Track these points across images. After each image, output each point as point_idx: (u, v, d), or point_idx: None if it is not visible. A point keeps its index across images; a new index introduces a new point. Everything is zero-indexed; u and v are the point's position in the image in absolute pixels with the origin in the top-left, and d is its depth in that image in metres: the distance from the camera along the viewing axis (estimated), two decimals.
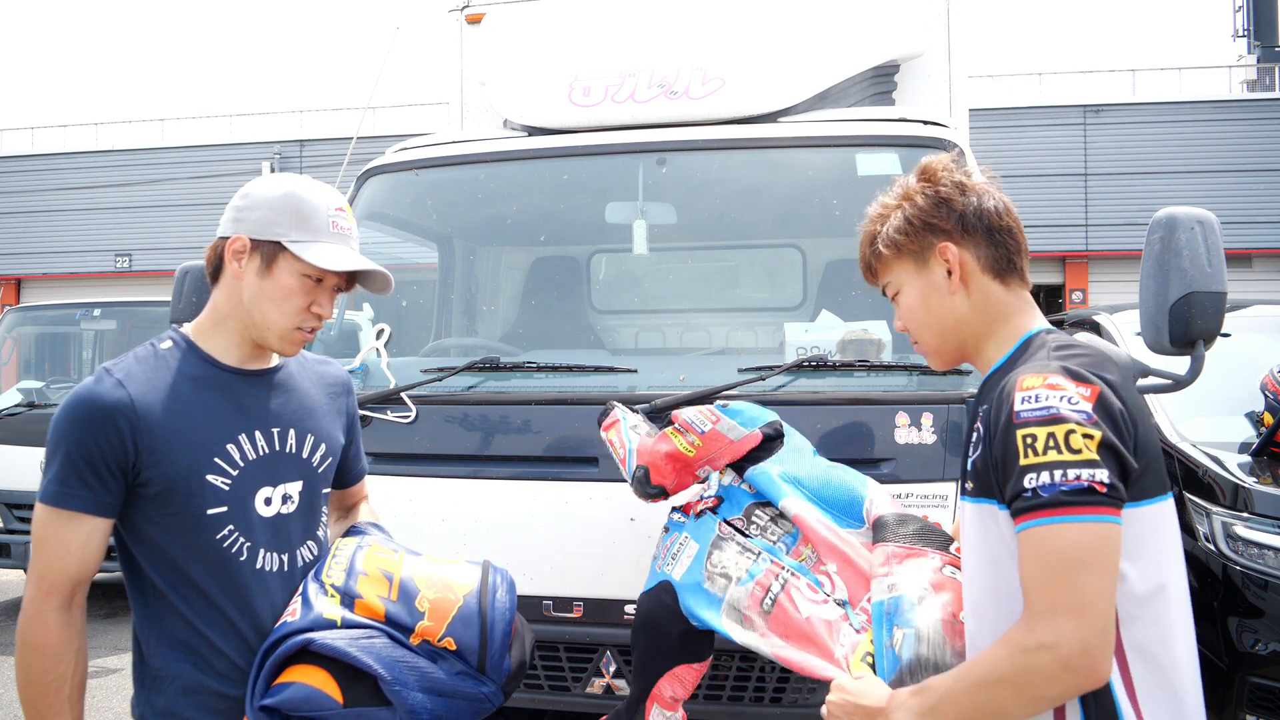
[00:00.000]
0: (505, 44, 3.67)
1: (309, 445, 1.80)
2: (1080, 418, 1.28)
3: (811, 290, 3.90)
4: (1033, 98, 17.05)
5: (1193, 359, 2.20)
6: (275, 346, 1.74)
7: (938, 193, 1.57)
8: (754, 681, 2.70)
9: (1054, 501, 1.26)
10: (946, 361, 1.63)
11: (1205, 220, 2.16)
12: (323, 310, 1.73)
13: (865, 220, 1.69)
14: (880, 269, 1.66)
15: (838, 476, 2.17)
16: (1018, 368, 1.41)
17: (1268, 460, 3.58)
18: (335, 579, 1.73)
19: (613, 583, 2.74)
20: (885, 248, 1.62)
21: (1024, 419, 1.31)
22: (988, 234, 1.55)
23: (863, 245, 1.69)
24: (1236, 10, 19.57)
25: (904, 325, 1.66)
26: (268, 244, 1.68)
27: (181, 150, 19.36)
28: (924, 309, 1.59)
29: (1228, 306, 2.20)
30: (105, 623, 6.53)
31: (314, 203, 1.70)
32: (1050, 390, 1.31)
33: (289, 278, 1.68)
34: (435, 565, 1.81)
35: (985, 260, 1.54)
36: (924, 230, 1.57)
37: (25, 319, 8.13)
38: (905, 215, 1.59)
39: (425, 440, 2.91)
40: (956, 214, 1.55)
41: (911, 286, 1.61)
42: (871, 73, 3.61)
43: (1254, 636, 3.19)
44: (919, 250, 1.58)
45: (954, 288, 1.55)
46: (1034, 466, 1.28)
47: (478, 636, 1.72)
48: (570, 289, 3.99)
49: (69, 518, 1.55)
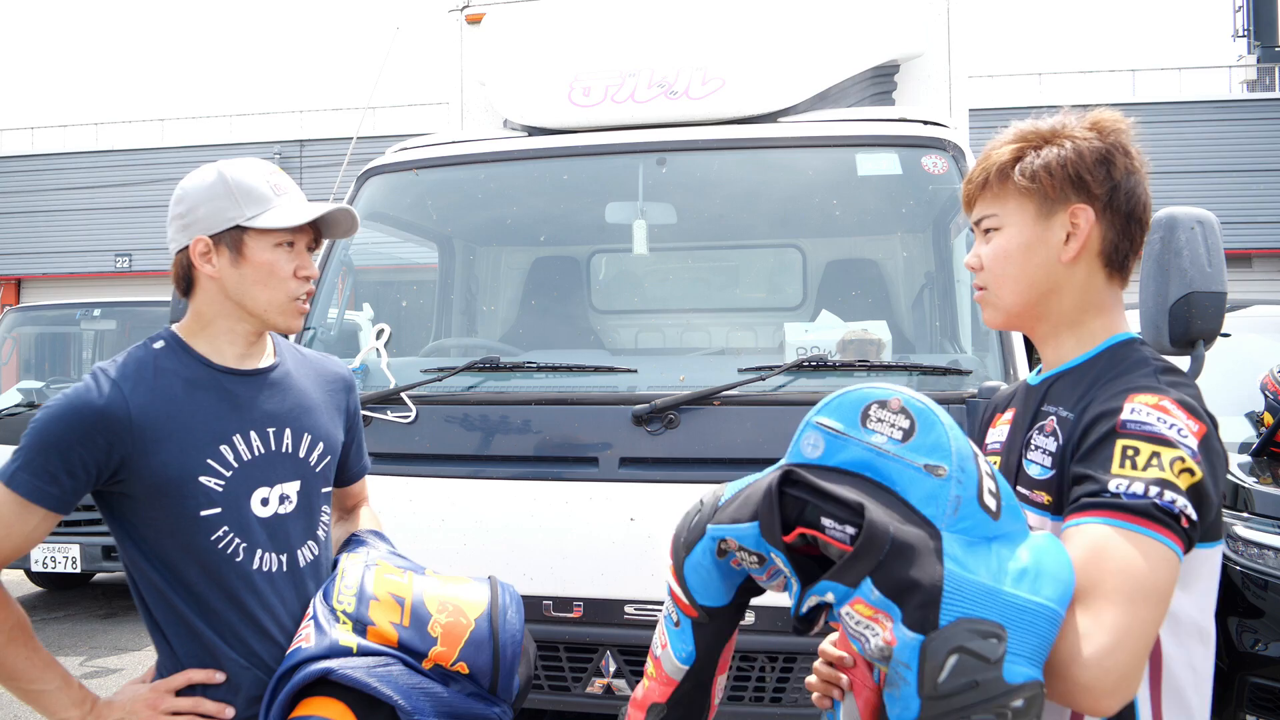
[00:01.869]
0: (505, 44, 3.67)
1: (306, 444, 1.78)
2: (1186, 452, 1.17)
3: (811, 290, 3.90)
4: (1033, 98, 17.05)
5: (1193, 359, 2.19)
6: (280, 325, 1.72)
7: (1106, 150, 1.37)
8: (754, 681, 2.70)
9: (1141, 510, 1.13)
10: (1007, 323, 1.46)
11: (1205, 220, 2.16)
12: (308, 271, 1.72)
13: (1005, 136, 1.44)
14: (996, 196, 1.43)
15: None
16: (1120, 380, 1.29)
17: (1268, 460, 3.58)
18: (346, 605, 1.72)
19: (613, 583, 2.74)
20: (1024, 176, 1.38)
21: (1130, 430, 1.19)
22: (1126, 220, 1.38)
23: (988, 161, 1.43)
24: (1236, 10, 19.57)
25: (982, 265, 1.44)
26: (228, 232, 1.66)
27: (181, 150, 19.36)
28: (1023, 260, 1.39)
29: (1228, 306, 2.20)
30: (105, 623, 6.53)
31: (249, 176, 1.69)
32: (1162, 414, 1.20)
33: (264, 253, 1.67)
34: (444, 585, 1.81)
35: (1109, 244, 1.38)
36: (1070, 181, 1.36)
37: (25, 319, 8.13)
38: (1061, 155, 1.36)
39: (425, 440, 2.91)
40: (1112, 182, 1.36)
41: (1019, 230, 1.40)
42: (871, 73, 3.61)
43: (1254, 636, 3.19)
44: (1053, 198, 1.37)
45: (1068, 256, 1.37)
46: (1129, 478, 1.16)
47: (490, 660, 1.72)
48: (570, 289, 3.99)
49: (26, 506, 1.56)
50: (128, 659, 5.64)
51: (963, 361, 2.75)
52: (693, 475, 2.71)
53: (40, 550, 6.21)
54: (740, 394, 2.72)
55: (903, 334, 3.20)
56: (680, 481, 2.71)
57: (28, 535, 1.58)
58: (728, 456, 2.70)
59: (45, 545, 6.19)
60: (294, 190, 1.73)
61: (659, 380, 2.90)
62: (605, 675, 2.77)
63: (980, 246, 1.46)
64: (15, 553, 1.59)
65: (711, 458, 2.71)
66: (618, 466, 2.74)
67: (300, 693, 1.63)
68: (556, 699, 2.82)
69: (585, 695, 2.79)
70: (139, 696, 1.64)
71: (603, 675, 2.77)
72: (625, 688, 2.75)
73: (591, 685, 2.78)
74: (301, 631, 1.70)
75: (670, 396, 2.71)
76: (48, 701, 1.60)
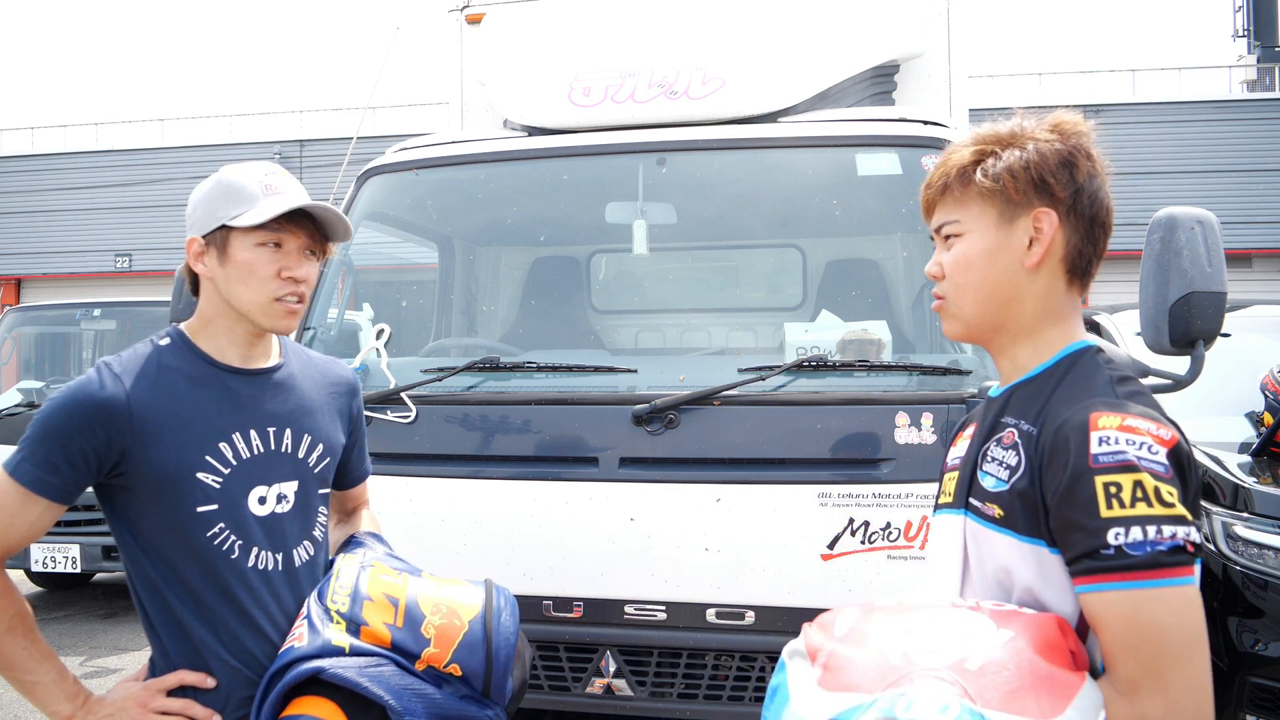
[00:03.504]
0: (505, 44, 3.67)
1: (305, 445, 1.79)
2: (1161, 469, 1.17)
3: (811, 290, 3.90)
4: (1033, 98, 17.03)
5: (1193, 359, 2.19)
6: (265, 325, 1.72)
7: (1068, 152, 1.34)
8: (754, 681, 2.70)
9: (1149, 563, 1.13)
10: (967, 333, 1.43)
11: (1205, 220, 2.16)
12: (294, 273, 1.71)
13: (964, 140, 1.41)
14: (957, 201, 1.39)
15: None
16: (1078, 391, 1.27)
17: (1268, 460, 3.58)
18: (340, 605, 1.72)
19: (613, 583, 2.74)
20: (986, 179, 1.34)
21: (1104, 465, 1.17)
22: (1090, 224, 1.35)
23: (948, 165, 1.40)
24: (1236, 10, 19.57)
25: (943, 274, 1.41)
26: (216, 232, 1.68)
27: (181, 150, 19.36)
28: (986, 266, 1.36)
29: (1228, 306, 2.20)
30: (105, 623, 6.53)
31: (242, 177, 1.70)
32: (1130, 435, 1.18)
33: (244, 252, 1.68)
34: (439, 587, 1.81)
35: (1072, 249, 1.34)
36: (1033, 185, 1.33)
37: (25, 319, 8.13)
38: (1024, 157, 1.33)
39: (425, 440, 2.91)
40: (1075, 186, 1.34)
41: (981, 236, 1.36)
42: (871, 73, 3.61)
43: (1254, 636, 3.18)
44: (1016, 202, 1.34)
45: (1031, 262, 1.34)
46: (1121, 520, 1.14)
47: (483, 662, 1.73)
48: (570, 289, 3.99)
49: (29, 497, 1.57)
50: (128, 659, 5.64)
51: (963, 361, 2.75)
52: (693, 475, 2.71)
53: (40, 550, 6.21)
54: (740, 394, 2.72)
55: (903, 334, 3.19)
56: (680, 482, 2.72)
57: (31, 525, 1.59)
58: (728, 457, 2.71)
59: (45, 545, 6.20)
60: (289, 190, 1.71)
61: (659, 380, 2.90)
62: (605, 675, 2.77)
63: (941, 254, 1.42)
64: (19, 543, 1.60)
65: (711, 458, 2.71)
66: (618, 466, 2.74)
67: (292, 692, 1.64)
68: (556, 699, 2.82)
69: (585, 695, 2.79)
70: (130, 694, 1.64)
71: (603, 675, 2.77)
72: (625, 688, 2.75)
73: (591, 685, 2.78)
74: (295, 631, 1.70)
75: (670, 396, 2.71)
76: (42, 694, 1.61)
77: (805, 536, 2.63)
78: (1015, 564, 1.29)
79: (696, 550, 2.69)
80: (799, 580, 2.64)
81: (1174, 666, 1.14)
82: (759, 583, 2.66)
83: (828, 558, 2.62)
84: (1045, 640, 1.17)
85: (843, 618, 1.29)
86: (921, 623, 1.22)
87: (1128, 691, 1.16)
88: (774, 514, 2.65)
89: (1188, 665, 1.14)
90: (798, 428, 2.70)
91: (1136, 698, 1.15)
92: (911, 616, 1.24)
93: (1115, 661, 1.18)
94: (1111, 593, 1.16)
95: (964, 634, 1.18)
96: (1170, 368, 2.27)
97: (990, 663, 1.13)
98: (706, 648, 2.70)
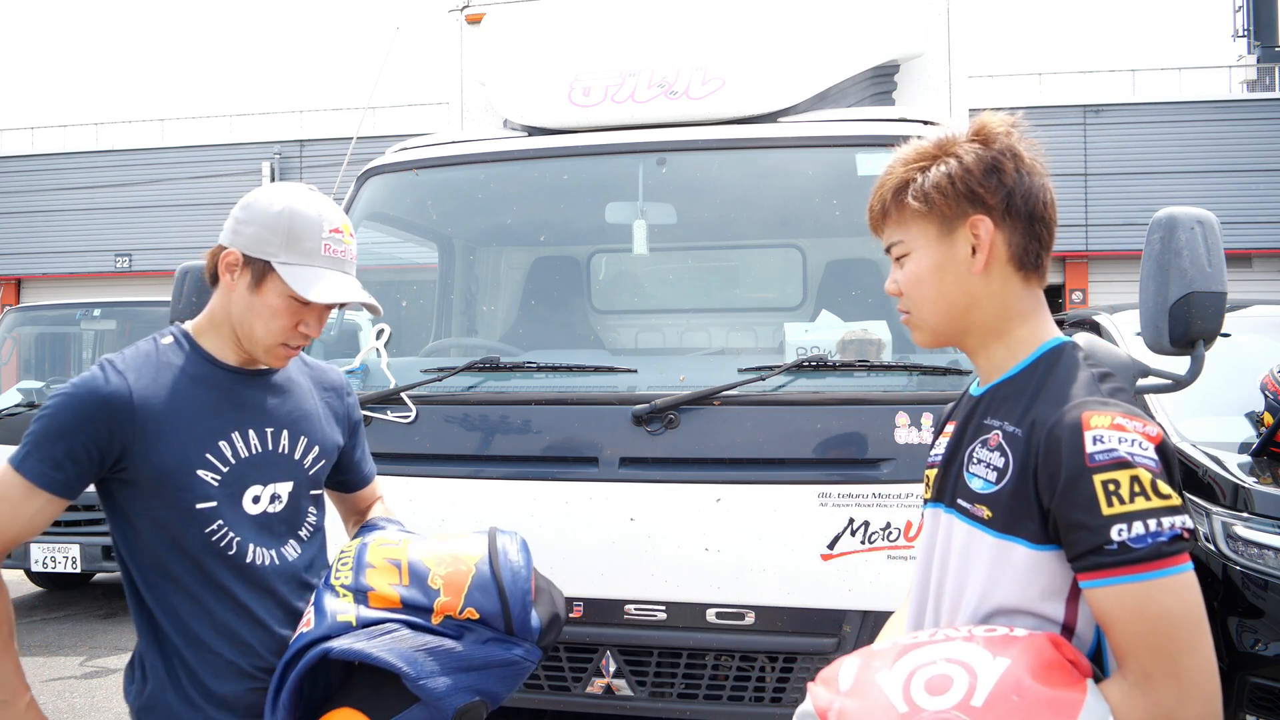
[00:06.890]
0: (505, 44, 3.67)
1: (301, 447, 1.82)
2: (1152, 463, 1.20)
3: (811, 290, 3.91)
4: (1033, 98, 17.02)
5: (1193, 359, 2.19)
6: (262, 360, 1.77)
7: (993, 158, 1.37)
8: (754, 681, 2.70)
9: (1152, 554, 1.17)
10: (937, 342, 1.47)
11: (1205, 220, 2.16)
12: (310, 330, 1.75)
13: (895, 161, 1.45)
14: (897, 223, 1.44)
15: None
16: (1063, 391, 1.30)
17: (1268, 460, 3.58)
18: (344, 579, 1.75)
19: (613, 583, 2.74)
20: (917, 200, 1.38)
21: (1100, 463, 1.20)
22: (1028, 221, 1.38)
23: (883, 188, 1.45)
24: (1236, 10, 19.56)
25: (901, 291, 1.45)
26: (258, 262, 1.70)
27: (181, 150, 19.34)
28: (936, 281, 1.40)
29: (1228, 306, 2.20)
30: (105, 623, 6.53)
31: (309, 224, 1.70)
32: (1121, 433, 1.21)
33: (275, 298, 1.70)
34: (441, 542, 1.84)
35: (1015, 248, 1.38)
36: (963, 196, 1.36)
37: (25, 319, 8.13)
38: (949, 172, 1.37)
39: (425, 440, 2.91)
40: (1005, 189, 1.36)
41: (926, 253, 1.40)
42: (871, 73, 3.61)
43: (1254, 636, 3.19)
44: (950, 216, 1.37)
45: (978, 268, 1.37)
46: (1123, 516, 1.18)
47: (498, 600, 1.74)
48: (570, 289, 3.99)
49: (31, 490, 1.59)
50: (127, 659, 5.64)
51: (962, 361, 2.75)
52: (693, 475, 2.72)
53: (40, 550, 6.22)
54: (740, 394, 2.72)
55: (903, 334, 3.19)
56: (680, 482, 2.72)
57: (32, 518, 1.61)
58: (728, 457, 2.71)
59: (46, 545, 6.20)
60: (344, 258, 1.75)
61: (659, 380, 2.90)
62: (605, 675, 2.77)
63: (896, 272, 1.47)
64: (18, 537, 1.62)
65: (711, 458, 2.71)
66: (618, 466, 2.75)
67: (319, 708, 1.67)
68: (556, 699, 2.83)
69: (585, 695, 2.79)
70: None
71: (603, 675, 2.77)
72: (625, 688, 2.75)
73: (591, 685, 2.78)
74: (304, 618, 1.73)
75: (670, 396, 2.71)
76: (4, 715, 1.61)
77: (805, 536, 2.63)
78: (1003, 565, 1.31)
79: (696, 550, 2.69)
80: (799, 580, 2.64)
81: (1184, 652, 1.18)
82: (759, 583, 2.66)
83: (828, 558, 2.63)
84: (1042, 662, 1.20)
85: (845, 670, 1.31)
86: (921, 663, 1.25)
87: (1142, 684, 1.19)
88: (774, 514, 2.65)
89: (1196, 648, 1.18)
90: (798, 428, 2.70)
91: (1150, 688, 1.18)
92: (910, 658, 1.26)
93: (1127, 655, 1.20)
94: (1119, 586, 1.19)
95: (963, 668, 1.21)
96: (1170, 368, 2.27)
97: (993, 696, 1.16)
98: (706, 648, 2.71)
